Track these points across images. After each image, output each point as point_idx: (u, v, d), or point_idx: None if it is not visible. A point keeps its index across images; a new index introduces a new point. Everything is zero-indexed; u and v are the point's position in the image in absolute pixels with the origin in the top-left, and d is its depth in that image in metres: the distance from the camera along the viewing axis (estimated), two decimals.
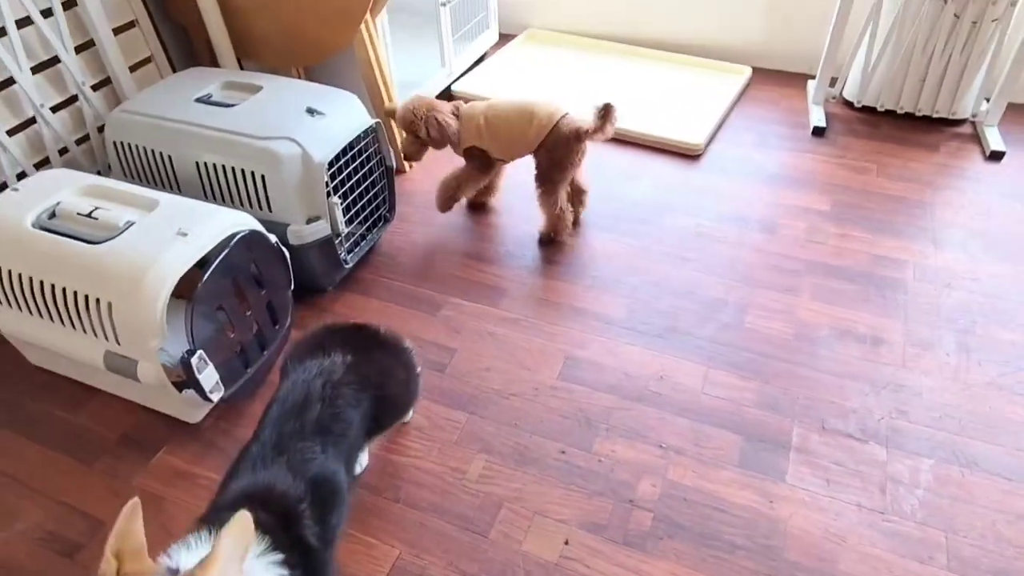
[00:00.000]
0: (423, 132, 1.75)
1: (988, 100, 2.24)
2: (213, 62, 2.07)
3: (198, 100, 1.60)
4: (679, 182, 2.11)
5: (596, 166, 2.16)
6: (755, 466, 1.34)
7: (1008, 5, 2.05)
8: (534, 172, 1.80)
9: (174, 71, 2.02)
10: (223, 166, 1.52)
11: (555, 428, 1.41)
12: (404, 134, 1.82)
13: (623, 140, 2.28)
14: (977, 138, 2.25)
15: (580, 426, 1.42)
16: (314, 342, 1.19)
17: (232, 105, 1.57)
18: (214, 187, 1.56)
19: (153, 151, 1.57)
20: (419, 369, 1.31)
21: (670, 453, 1.36)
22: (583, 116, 1.70)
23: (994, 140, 2.18)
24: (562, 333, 1.63)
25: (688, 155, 2.21)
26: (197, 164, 1.54)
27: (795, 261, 1.81)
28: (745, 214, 1.97)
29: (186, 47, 2.19)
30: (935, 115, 2.29)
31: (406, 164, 2.17)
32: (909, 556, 1.19)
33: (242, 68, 2.09)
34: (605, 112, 1.66)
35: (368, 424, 1.15)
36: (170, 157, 1.56)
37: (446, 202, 1.90)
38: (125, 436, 1.43)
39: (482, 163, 1.84)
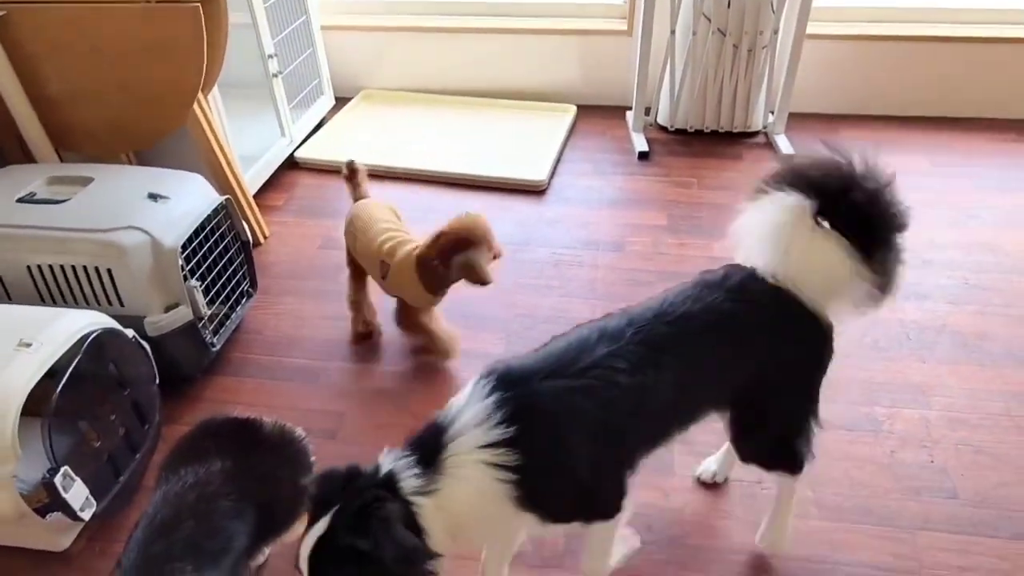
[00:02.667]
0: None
1: (773, 113, 2.61)
2: (27, 158, 1.92)
3: (20, 200, 1.48)
4: (531, 218, 2.24)
5: (454, 212, 2.24)
6: (648, 465, 1.44)
7: (772, 33, 2.43)
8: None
9: None
10: (60, 266, 1.42)
11: None
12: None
13: (473, 185, 2.39)
14: (770, 145, 2.60)
15: None
16: (188, 446, 1.10)
17: (62, 201, 1.48)
18: (51, 290, 1.44)
19: None
20: (313, 461, 1.22)
21: None
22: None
23: (784, 145, 2.54)
24: (450, 376, 1.66)
25: (534, 191, 2.36)
26: (29, 268, 1.42)
27: (646, 273, 1.98)
28: (595, 238, 2.13)
29: None
30: (735, 130, 2.63)
31: (260, 235, 2.13)
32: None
33: (61, 161, 1.96)
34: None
35: (255, 535, 1.06)
36: None
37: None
38: None
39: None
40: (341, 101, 2.87)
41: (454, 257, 1.49)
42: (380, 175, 2.46)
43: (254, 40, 2.22)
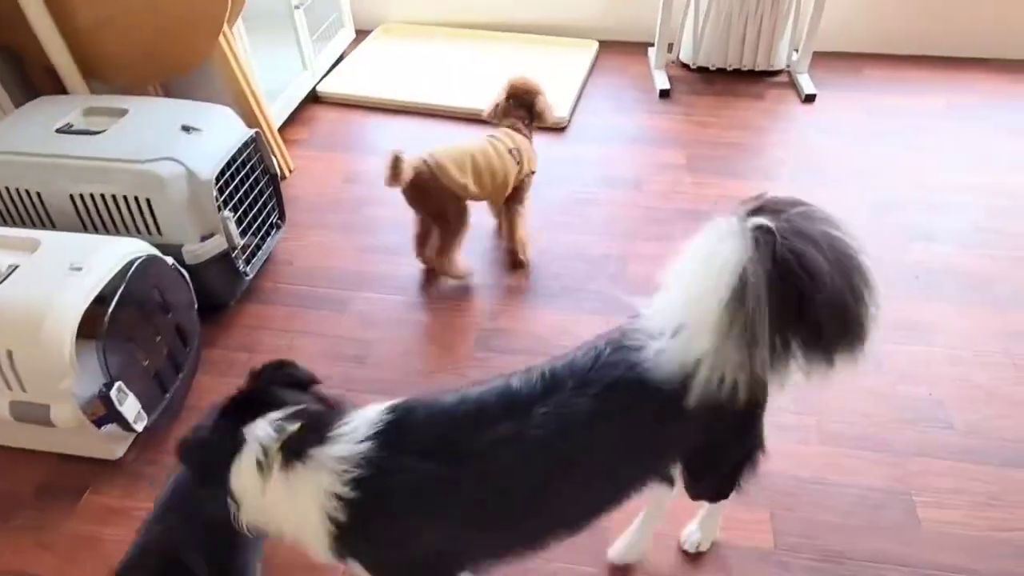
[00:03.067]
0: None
1: (797, 51, 2.58)
2: (57, 88, 1.95)
3: (59, 131, 1.53)
4: (551, 155, 2.26)
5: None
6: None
7: None
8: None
9: (13, 104, 1.89)
10: (101, 195, 1.48)
11: None
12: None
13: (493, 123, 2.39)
14: (793, 85, 2.58)
15: None
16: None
17: (99, 132, 1.52)
18: (93, 218, 1.51)
19: (18, 190, 1.49)
20: None
21: None
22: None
23: (806, 85, 2.52)
24: (471, 308, 1.73)
25: (556, 129, 2.38)
26: (72, 197, 1.48)
27: (663, 211, 2.02)
28: (614, 176, 2.16)
29: (19, 77, 2.04)
30: (757, 68, 2.61)
31: (286, 169, 2.17)
32: (790, 440, 1.42)
33: (91, 91, 1.99)
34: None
35: None
36: (39, 194, 1.49)
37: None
38: (41, 487, 1.38)
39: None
40: (361, 34, 2.86)
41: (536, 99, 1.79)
42: (398, 110, 2.48)
43: None
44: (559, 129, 2.37)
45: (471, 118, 2.41)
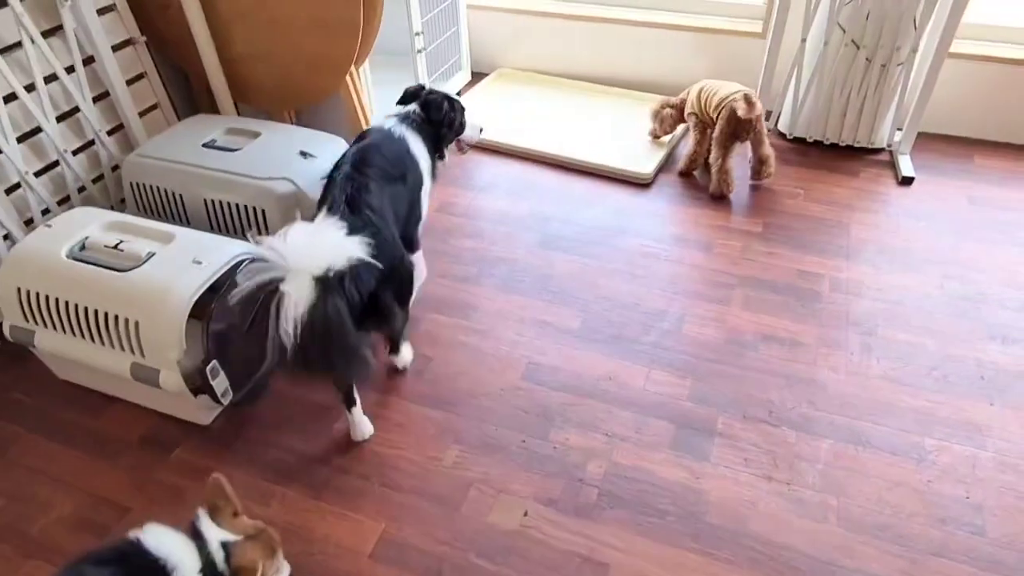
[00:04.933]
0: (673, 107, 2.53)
1: (900, 131, 2.55)
2: (212, 106, 2.31)
3: (205, 145, 1.84)
4: (630, 208, 2.38)
5: (561, 193, 2.44)
6: (685, 449, 1.59)
7: (910, 51, 2.37)
8: (714, 138, 2.35)
9: (177, 115, 2.26)
10: (228, 203, 1.76)
11: (517, 421, 1.66)
12: (656, 118, 2.57)
13: (583, 170, 2.55)
14: (892, 165, 2.55)
15: (539, 419, 1.66)
16: None
17: (235, 150, 1.82)
18: (219, 221, 1.79)
19: (166, 191, 1.81)
20: None
21: (615, 440, 1.61)
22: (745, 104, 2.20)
23: (906, 167, 2.48)
24: (525, 342, 1.87)
25: (639, 184, 2.49)
26: (205, 201, 1.78)
27: (728, 276, 2.08)
28: (686, 236, 2.24)
29: (186, 93, 2.43)
30: (856, 144, 2.60)
31: None
32: (807, 517, 1.44)
33: (238, 111, 2.34)
34: (747, 100, 2.19)
35: None
36: (181, 196, 1.80)
37: (689, 166, 2.50)
38: (144, 438, 1.65)
39: (700, 128, 2.43)
40: (477, 76, 3.11)
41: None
42: (499, 151, 2.68)
43: (406, 17, 2.49)
44: (643, 184, 2.48)
45: (568, 166, 2.58)
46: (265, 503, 1.50)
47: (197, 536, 1.08)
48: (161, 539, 1.07)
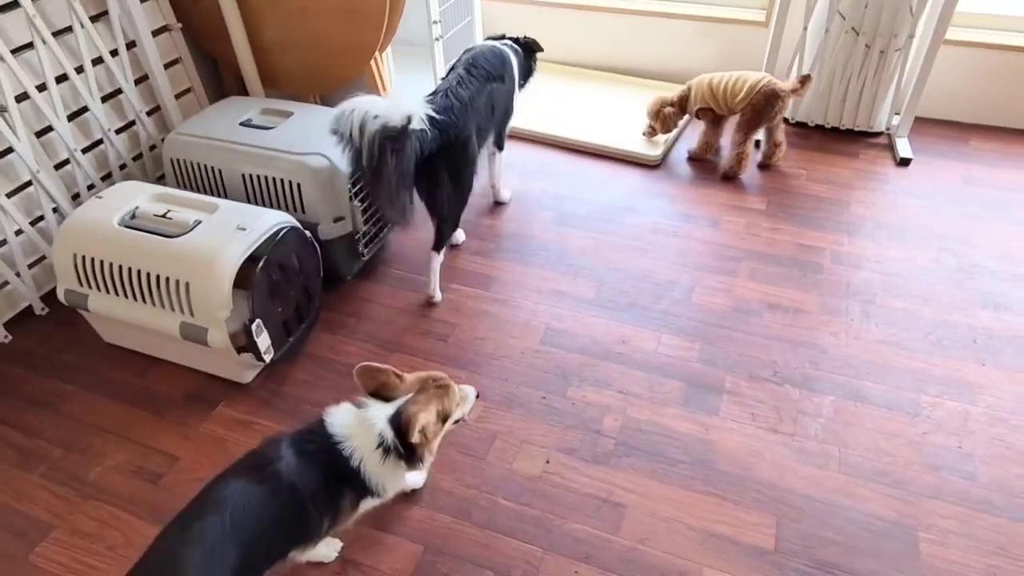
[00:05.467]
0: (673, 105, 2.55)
1: (898, 115, 2.66)
2: (239, 92, 2.43)
3: (242, 124, 1.95)
4: (641, 188, 2.49)
5: (573, 174, 2.55)
6: (696, 405, 1.70)
7: (907, 37, 2.47)
8: (736, 123, 2.44)
9: (208, 98, 2.37)
10: (265, 176, 1.87)
11: (537, 380, 1.77)
12: (657, 119, 2.57)
13: (596, 153, 2.66)
14: (891, 147, 2.66)
15: (557, 379, 1.77)
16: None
17: (270, 128, 1.93)
18: (257, 194, 1.91)
19: (206, 166, 1.92)
20: None
21: (629, 397, 1.72)
22: (782, 82, 2.36)
23: (903, 149, 2.59)
24: (543, 310, 1.98)
25: (649, 165, 2.60)
26: (243, 176, 1.89)
27: (735, 250, 2.18)
28: (694, 213, 2.35)
29: (214, 80, 2.55)
30: (856, 128, 2.70)
31: None
32: (809, 464, 1.55)
33: (266, 96, 2.45)
34: (803, 80, 2.33)
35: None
36: (220, 171, 1.91)
37: (703, 152, 2.60)
38: (188, 394, 1.77)
39: (712, 119, 2.52)
40: None
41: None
42: (513, 135, 2.79)
43: (424, 6, 2.59)
44: (652, 166, 2.59)
45: (580, 149, 2.69)
46: None
47: (366, 418, 1.21)
48: (342, 420, 1.23)
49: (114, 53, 2.00)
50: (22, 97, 1.81)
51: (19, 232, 1.88)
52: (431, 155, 1.70)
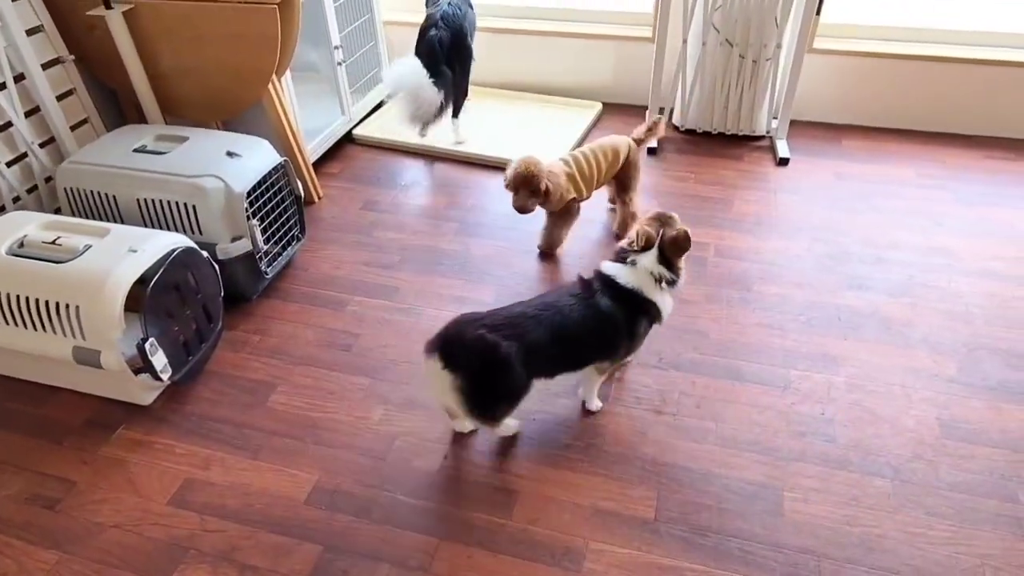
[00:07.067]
0: (543, 187, 2.08)
1: (776, 119, 2.87)
2: (139, 120, 2.44)
3: (136, 150, 1.98)
4: None
5: (477, 187, 2.65)
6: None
7: (776, 47, 2.69)
8: (615, 189, 2.36)
9: (107, 129, 2.38)
10: (160, 200, 1.90)
11: None
12: (516, 191, 2.12)
13: (498, 166, 2.77)
14: (772, 149, 2.87)
15: None
16: None
17: (165, 153, 1.96)
18: (153, 218, 1.93)
19: (100, 193, 1.93)
20: None
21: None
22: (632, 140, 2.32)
23: (782, 150, 2.80)
24: (444, 315, 2.05)
25: None
26: (138, 201, 1.91)
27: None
28: (590, 217, 2.48)
29: (114, 109, 2.56)
30: (740, 133, 2.91)
31: (315, 195, 2.59)
32: (688, 439, 1.67)
33: (167, 124, 2.47)
34: (653, 125, 2.33)
35: None
36: (115, 197, 1.93)
37: (552, 247, 2.31)
38: (87, 420, 1.76)
39: (572, 210, 2.25)
40: None
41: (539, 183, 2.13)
42: (420, 153, 2.89)
43: (325, 31, 2.68)
44: None
45: (482, 163, 2.80)
46: (206, 467, 1.63)
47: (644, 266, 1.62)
48: (624, 272, 1.62)
49: (1, 87, 2.00)
50: None
51: None
52: (450, 42, 2.61)
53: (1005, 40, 2.81)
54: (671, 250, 1.61)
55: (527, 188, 2.11)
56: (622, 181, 2.32)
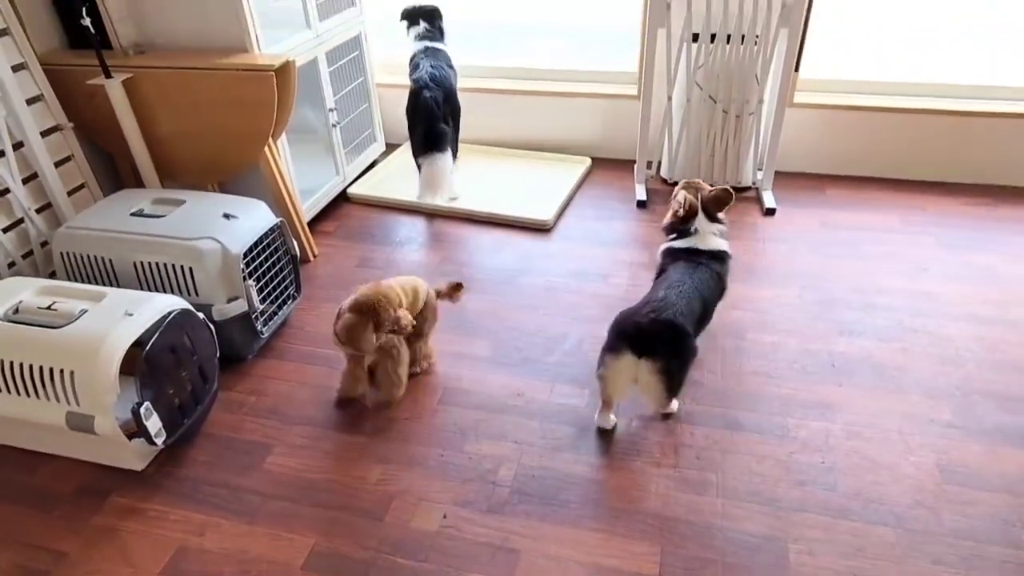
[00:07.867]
0: (387, 326, 1.80)
1: (760, 171, 2.95)
2: (137, 185, 2.48)
3: (133, 214, 2.00)
4: (534, 251, 2.64)
5: (470, 243, 2.69)
6: (586, 448, 1.79)
7: (757, 103, 2.79)
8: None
9: (104, 194, 2.41)
10: (156, 263, 1.91)
11: (435, 438, 1.83)
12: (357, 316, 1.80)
13: (491, 222, 2.82)
14: (758, 199, 2.93)
15: (455, 435, 1.83)
16: None
17: (162, 216, 1.99)
18: (150, 281, 1.94)
19: (97, 257, 1.95)
20: None
21: (523, 445, 1.80)
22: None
23: (768, 200, 2.86)
24: (441, 371, 2.06)
25: (541, 229, 2.77)
26: (135, 264, 1.92)
27: (621, 301, 2.33)
28: (584, 270, 2.51)
29: (111, 173, 2.60)
30: (726, 185, 2.97)
31: (310, 253, 2.61)
32: (690, 492, 1.66)
33: (164, 188, 2.51)
34: (456, 287, 2.07)
35: None
36: (111, 260, 1.94)
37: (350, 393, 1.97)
38: (79, 488, 1.73)
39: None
40: (391, 147, 3.39)
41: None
42: (412, 210, 2.93)
43: (320, 95, 2.75)
44: (544, 230, 2.77)
45: (476, 219, 2.85)
46: (200, 534, 1.60)
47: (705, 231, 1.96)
48: (696, 241, 1.95)
49: (0, 154, 2.03)
50: None
51: None
52: (443, 100, 2.79)
53: (976, 92, 2.93)
54: (715, 206, 1.98)
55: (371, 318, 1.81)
56: (418, 325, 1.94)
